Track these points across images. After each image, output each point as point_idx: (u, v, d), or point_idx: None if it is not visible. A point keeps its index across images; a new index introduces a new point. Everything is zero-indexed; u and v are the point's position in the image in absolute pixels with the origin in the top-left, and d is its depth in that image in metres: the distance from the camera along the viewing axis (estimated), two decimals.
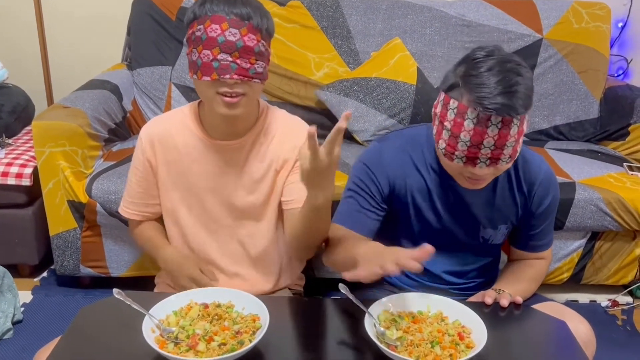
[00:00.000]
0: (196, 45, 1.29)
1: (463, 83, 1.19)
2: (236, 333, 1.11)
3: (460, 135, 1.19)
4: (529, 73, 1.20)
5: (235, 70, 1.28)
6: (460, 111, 1.18)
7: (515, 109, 1.15)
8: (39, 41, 3.01)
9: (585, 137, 2.85)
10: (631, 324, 2.33)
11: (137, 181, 1.52)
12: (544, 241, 1.47)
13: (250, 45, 1.28)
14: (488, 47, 1.22)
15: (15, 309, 2.15)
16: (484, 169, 1.22)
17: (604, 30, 2.84)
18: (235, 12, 1.27)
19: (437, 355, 1.06)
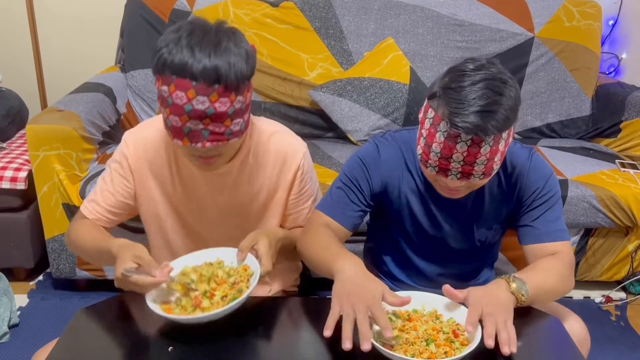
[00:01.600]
0: (163, 104, 1.15)
1: (442, 94, 1.16)
2: (233, 284, 1.17)
3: (432, 146, 1.18)
4: (513, 92, 1.14)
5: (207, 137, 1.15)
6: (435, 122, 1.17)
7: (485, 130, 1.11)
8: (32, 44, 3.01)
9: (577, 134, 2.87)
10: (625, 320, 2.35)
11: (111, 182, 1.39)
12: (549, 229, 1.34)
13: (222, 110, 1.13)
14: (480, 59, 1.18)
15: (12, 312, 2.14)
16: (455, 181, 1.20)
17: (595, 28, 2.86)
18: (203, 75, 1.09)
19: (432, 353, 1.07)
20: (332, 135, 2.76)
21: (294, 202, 1.43)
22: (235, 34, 1.16)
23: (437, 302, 1.21)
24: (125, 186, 1.38)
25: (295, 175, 1.39)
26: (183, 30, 1.12)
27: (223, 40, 1.12)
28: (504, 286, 1.17)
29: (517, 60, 2.82)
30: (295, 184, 1.40)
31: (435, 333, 1.12)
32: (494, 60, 1.20)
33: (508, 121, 1.13)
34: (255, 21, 2.75)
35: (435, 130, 1.16)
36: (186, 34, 1.11)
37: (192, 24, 1.14)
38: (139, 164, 1.36)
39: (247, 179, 1.37)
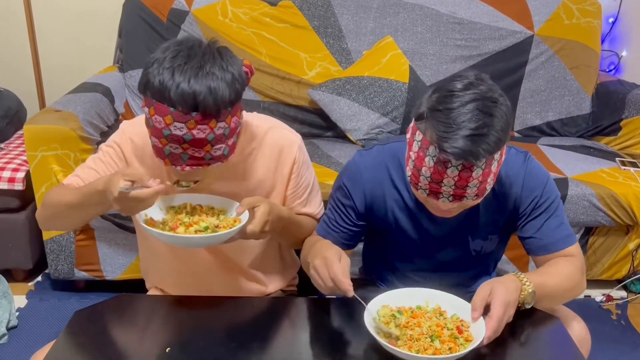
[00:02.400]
0: (146, 124, 1.16)
1: (430, 116, 1.10)
2: (215, 227, 1.21)
3: (422, 170, 1.13)
4: (504, 110, 1.10)
5: (187, 160, 1.15)
6: (423, 145, 1.11)
7: (476, 155, 1.06)
8: (30, 45, 3.00)
9: (577, 132, 2.86)
10: (625, 318, 2.34)
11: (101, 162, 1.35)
12: (556, 237, 1.31)
13: (201, 137, 1.11)
14: (468, 77, 1.12)
15: (11, 314, 2.14)
16: (447, 203, 1.15)
17: (594, 26, 2.85)
18: (180, 101, 1.07)
19: (437, 349, 1.07)
20: (331, 135, 2.76)
21: (292, 195, 1.43)
22: (223, 56, 1.14)
23: (440, 299, 1.21)
24: (114, 170, 1.34)
25: (292, 169, 1.39)
26: (169, 51, 1.11)
27: (207, 64, 1.10)
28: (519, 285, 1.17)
29: (516, 59, 2.81)
30: (292, 177, 1.40)
31: (439, 329, 1.12)
32: (483, 76, 1.14)
33: (500, 142, 1.09)
34: (253, 20, 2.74)
35: (424, 154, 1.11)
36: (171, 56, 1.10)
37: (180, 45, 1.12)
38: (135, 156, 1.35)
39: (243, 174, 1.36)
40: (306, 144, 2.58)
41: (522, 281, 1.18)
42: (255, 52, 2.74)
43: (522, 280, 1.18)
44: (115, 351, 1.11)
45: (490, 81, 1.13)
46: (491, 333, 1.08)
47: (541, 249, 1.32)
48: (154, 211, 1.23)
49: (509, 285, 1.15)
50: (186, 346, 1.09)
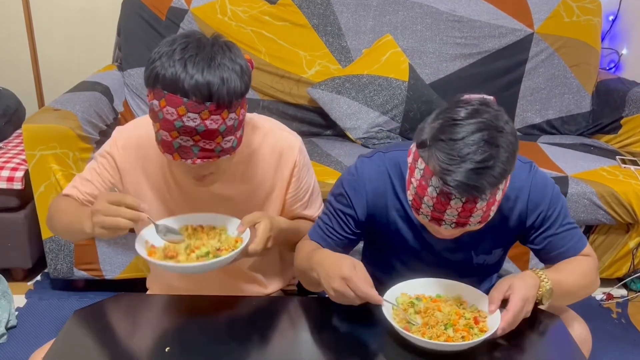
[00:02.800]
0: (154, 118, 1.14)
1: (432, 144, 1.05)
2: (217, 249, 1.19)
3: (424, 198, 1.09)
4: (511, 139, 1.05)
5: (197, 153, 1.13)
6: (425, 174, 1.08)
7: (481, 190, 1.02)
8: (29, 43, 2.99)
9: (577, 130, 2.86)
10: (626, 317, 2.34)
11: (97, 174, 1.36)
12: (568, 244, 1.30)
13: (213, 128, 1.11)
14: (472, 102, 1.07)
15: (10, 314, 2.13)
16: (449, 230, 1.12)
17: (594, 24, 2.85)
18: (195, 91, 1.07)
19: (450, 337, 1.09)
20: (331, 133, 2.75)
21: (292, 198, 1.41)
22: (231, 49, 1.13)
23: (461, 289, 1.22)
24: (109, 182, 1.36)
25: (292, 172, 1.37)
26: (177, 44, 1.09)
27: (217, 56, 1.09)
28: (537, 282, 1.17)
29: (516, 57, 2.80)
30: (293, 181, 1.39)
31: (456, 318, 1.14)
32: (489, 100, 1.10)
33: (505, 173, 1.05)
34: (252, 18, 2.73)
35: (427, 183, 1.07)
36: (180, 47, 1.09)
37: (188, 38, 1.11)
38: (128, 163, 1.33)
39: (242, 176, 1.35)
40: (305, 142, 2.58)
41: (541, 278, 1.19)
42: (254, 50, 2.73)
43: (540, 277, 1.19)
44: (115, 350, 1.10)
45: (496, 106, 1.09)
46: (506, 325, 1.09)
47: (554, 258, 1.31)
48: (154, 237, 1.21)
49: (528, 281, 1.16)
50: (186, 345, 1.08)
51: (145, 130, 1.30)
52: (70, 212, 1.32)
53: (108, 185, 1.36)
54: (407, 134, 2.61)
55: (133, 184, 1.35)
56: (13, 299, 2.20)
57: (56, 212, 1.36)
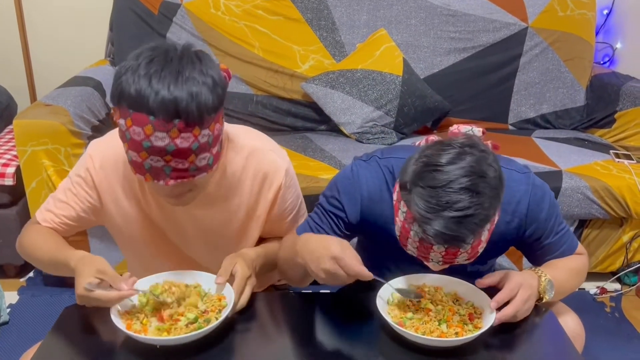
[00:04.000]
0: (122, 138, 1.06)
1: (412, 189, 1.03)
2: (203, 312, 1.12)
3: (408, 240, 1.09)
4: (492, 183, 1.01)
5: (170, 174, 1.05)
6: (407, 219, 1.06)
7: (461, 239, 1.00)
8: (21, 38, 2.97)
9: (572, 125, 2.86)
10: (619, 311, 2.34)
11: (73, 195, 1.29)
12: (562, 249, 1.31)
13: (184, 146, 1.02)
14: (454, 144, 1.03)
15: (2, 310, 2.12)
16: (438, 266, 1.12)
17: (589, 18, 2.85)
18: (160, 109, 0.98)
19: (443, 333, 1.09)
20: (325, 128, 2.74)
21: (276, 217, 1.35)
22: (202, 60, 1.05)
23: (459, 286, 1.22)
24: (87, 201, 1.29)
25: (276, 195, 1.31)
26: (142, 58, 1.02)
27: (186, 69, 1.01)
28: (537, 282, 1.19)
29: (511, 51, 2.80)
30: (277, 203, 1.32)
31: (450, 314, 1.14)
32: (475, 139, 1.06)
33: (487, 218, 1.02)
34: (246, 13, 2.72)
35: (409, 227, 1.06)
36: (145, 62, 1.01)
37: (154, 50, 1.03)
38: (106, 182, 1.27)
39: (224, 196, 1.28)
40: (300, 137, 2.60)
41: (538, 273, 1.21)
42: (248, 45, 2.71)
43: (537, 273, 1.21)
44: (105, 347, 1.10)
45: (482, 146, 1.05)
46: (504, 316, 1.11)
47: (547, 261, 1.32)
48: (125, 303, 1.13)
49: (531, 281, 1.18)
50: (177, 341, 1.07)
51: (120, 147, 1.21)
52: (48, 250, 1.24)
53: (86, 206, 1.29)
54: (401, 129, 2.61)
55: (111, 203, 1.29)
56: (4, 295, 2.19)
57: (31, 248, 1.28)
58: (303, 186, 2.08)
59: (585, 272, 1.34)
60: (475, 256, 1.10)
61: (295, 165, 2.19)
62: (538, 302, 1.21)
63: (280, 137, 2.55)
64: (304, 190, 2.07)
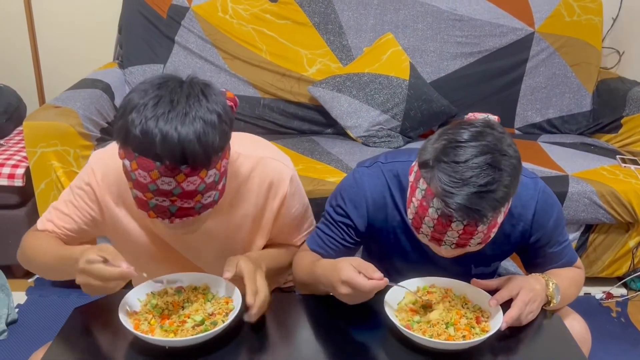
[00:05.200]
0: (126, 176, 1.05)
1: (435, 165, 1.04)
2: (210, 315, 1.13)
3: (425, 219, 1.09)
4: (512, 162, 1.04)
5: (175, 212, 1.04)
6: (427, 195, 1.07)
7: (482, 214, 1.02)
8: (30, 41, 2.99)
9: (578, 130, 2.86)
10: (625, 316, 2.34)
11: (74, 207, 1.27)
12: (563, 261, 1.33)
13: (191, 189, 1.02)
14: (476, 124, 1.06)
15: (9, 309, 2.14)
16: (449, 251, 1.12)
17: (595, 23, 2.85)
18: (167, 156, 0.97)
19: (450, 336, 1.09)
20: (332, 131, 2.75)
21: (280, 225, 1.34)
22: (207, 96, 1.02)
23: (467, 289, 1.23)
24: (88, 214, 1.27)
25: (282, 202, 1.30)
26: (149, 98, 0.99)
27: (192, 109, 0.99)
28: (543, 285, 1.21)
29: (517, 56, 2.81)
30: (283, 210, 1.31)
31: (458, 318, 1.14)
32: (493, 122, 1.09)
33: (507, 196, 1.04)
34: (254, 17, 2.73)
35: (428, 204, 1.07)
36: (152, 103, 0.98)
37: (160, 89, 1.01)
38: (108, 195, 1.25)
39: (231, 207, 1.27)
40: (306, 140, 2.61)
41: (544, 278, 1.23)
42: (255, 48, 2.73)
43: (543, 277, 1.23)
44: (114, 348, 1.11)
45: (500, 128, 1.08)
46: (509, 319, 1.12)
47: (545, 270, 1.32)
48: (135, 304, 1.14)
49: (535, 284, 1.19)
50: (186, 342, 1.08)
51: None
52: (50, 253, 1.22)
53: (87, 219, 1.27)
54: (408, 133, 2.62)
55: (114, 217, 1.27)
56: (11, 293, 2.21)
57: (33, 253, 1.26)
58: (309, 189, 2.11)
59: (582, 285, 1.36)
60: (487, 241, 1.11)
61: (302, 168, 2.23)
62: (546, 306, 1.22)
63: (287, 140, 2.57)
64: (311, 193, 2.10)
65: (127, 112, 0.99)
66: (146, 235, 1.29)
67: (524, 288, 1.17)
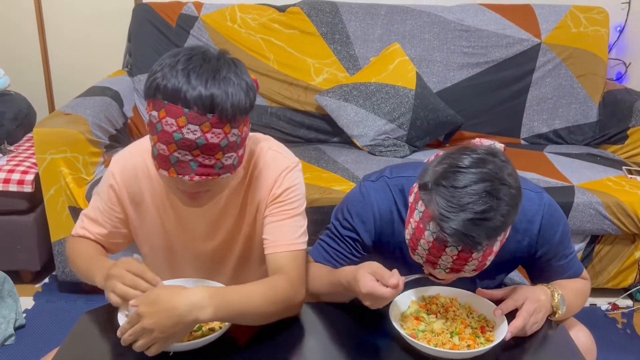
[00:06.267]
0: (151, 131, 1.07)
1: (434, 189, 1.04)
2: None
3: (420, 241, 1.09)
4: (512, 192, 1.03)
5: (195, 169, 1.06)
6: (424, 218, 1.07)
7: (477, 241, 1.01)
8: (40, 48, 3.02)
9: (584, 140, 2.86)
10: (631, 327, 2.33)
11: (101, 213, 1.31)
12: (569, 273, 1.32)
13: (214, 142, 1.04)
14: (478, 151, 1.06)
15: (17, 314, 2.15)
16: (443, 274, 1.12)
17: (602, 34, 2.86)
18: (197, 102, 1.01)
19: (455, 345, 1.10)
20: (338, 140, 2.77)
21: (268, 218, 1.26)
22: (237, 65, 1.09)
23: (472, 298, 1.23)
24: (115, 217, 1.30)
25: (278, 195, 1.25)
26: (181, 55, 1.05)
27: (223, 69, 1.05)
28: (549, 295, 1.21)
29: (523, 66, 2.82)
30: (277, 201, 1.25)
31: (462, 327, 1.15)
32: (496, 150, 1.09)
33: (504, 226, 1.04)
34: (262, 26, 2.76)
35: (425, 227, 1.07)
36: (184, 59, 1.04)
37: (192, 50, 1.07)
38: (126, 192, 1.27)
39: (237, 202, 1.28)
40: (313, 149, 2.63)
41: (550, 288, 1.23)
42: (263, 57, 2.75)
43: (549, 288, 1.24)
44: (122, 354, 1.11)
45: (503, 157, 1.07)
46: (514, 329, 1.12)
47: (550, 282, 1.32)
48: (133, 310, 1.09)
49: (541, 295, 1.20)
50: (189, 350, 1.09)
51: (140, 159, 1.26)
52: (85, 257, 1.28)
53: (115, 221, 1.30)
54: (414, 142, 2.63)
55: (132, 212, 1.30)
56: (19, 299, 2.22)
57: (74, 256, 1.31)
58: (316, 197, 2.12)
59: (588, 296, 1.35)
60: (482, 268, 1.11)
61: (308, 176, 2.24)
62: (551, 317, 1.22)
63: (294, 148, 2.54)
64: (317, 202, 2.11)
65: (157, 70, 1.05)
66: (157, 234, 1.31)
67: (529, 298, 1.17)
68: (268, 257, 1.24)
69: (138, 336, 1.02)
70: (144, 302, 1.02)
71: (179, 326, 1.02)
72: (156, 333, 1.01)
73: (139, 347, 1.02)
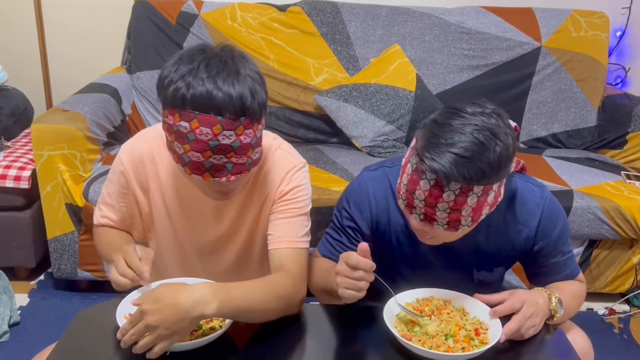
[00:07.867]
0: (180, 140, 1.06)
1: (428, 125, 1.07)
2: (208, 320, 1.13)
3: (416, 192, 1.08)
4: (502, 148, 1.04)
5: (231, 170, 1.09)
6: (418, 168, 1.07)
7: (450, 177, 1.02)
8: (39, 44, 3.01)
9: (583, 145, 2.86)
10: (628, 332, 2.33)
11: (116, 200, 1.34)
12: (565, 273, 1.32)
13: (247, 142, 1.08)
14: (486, 106, 1.08)
15: (12, 311, 2.14)
16: (442, 232, 1.11)
17: (602, 39, 2.86)
18: (229, 108, 1.03)
19: (450, 347, 1.09)
20: (337, 141, 2.76)
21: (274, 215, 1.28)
22: (247, 59, 1.11)
23: (465, 301, 1.23)
24: (126, 202, 1.33)
25: (284, 193, 1.27)
26: (198, 61, 1.05)
27: (241, 68, 1.07)
28: (546, 299, 1.20)
29: (523, 70, 2.82)
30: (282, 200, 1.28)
31: (457, 329, 1.14)
32: (501, 111, 1.09)
33: (483, 175, 1.03)
34: (262, 25, 2.75)
35: (419, 177, 1.07)
36: (204, 65, 1.04)
37: (205, 52, 1.07)
38: (135, 177, 1.30)
39: (245, 196, 1.29)
40: (312, 149, 2.62)
41: (547, 292, 1.22)
42: (263, 57, 2.75)
43: (546, 291, 1.23)
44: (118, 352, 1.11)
45: (507, 121, 1.08)
46: (508, 331, 1.11)
47: (548, 282, 1.32)
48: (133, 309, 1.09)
49: (538, 299, 1.19)
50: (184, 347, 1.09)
51: (145, 145, 1.28)
52: (104, 242, 1.34)
53: (128, 205, 1.33)
54: None
55: (142, 202, 1.32)
56: (14, 295, 2.21)
57: (99, 244, 1.37)
58: (314, 198, 2.11)
59: (584, 299, 1.35)
60: (477, 219, 1.10)
61: None
62: (549, 320, 1.21)
63: None
64: (316, 202, 2.10)
65: (175, 79, 1.04)
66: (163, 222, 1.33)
67: (527, 302, 1.17)
68: (271, 253, 1.25)
69: (140, 335, 1.01)
70: (146, 299, 1.02)
71: (184, 322, 1.01)
72: (160, 330, 1.00)
73: (141, 347, 1.01)
